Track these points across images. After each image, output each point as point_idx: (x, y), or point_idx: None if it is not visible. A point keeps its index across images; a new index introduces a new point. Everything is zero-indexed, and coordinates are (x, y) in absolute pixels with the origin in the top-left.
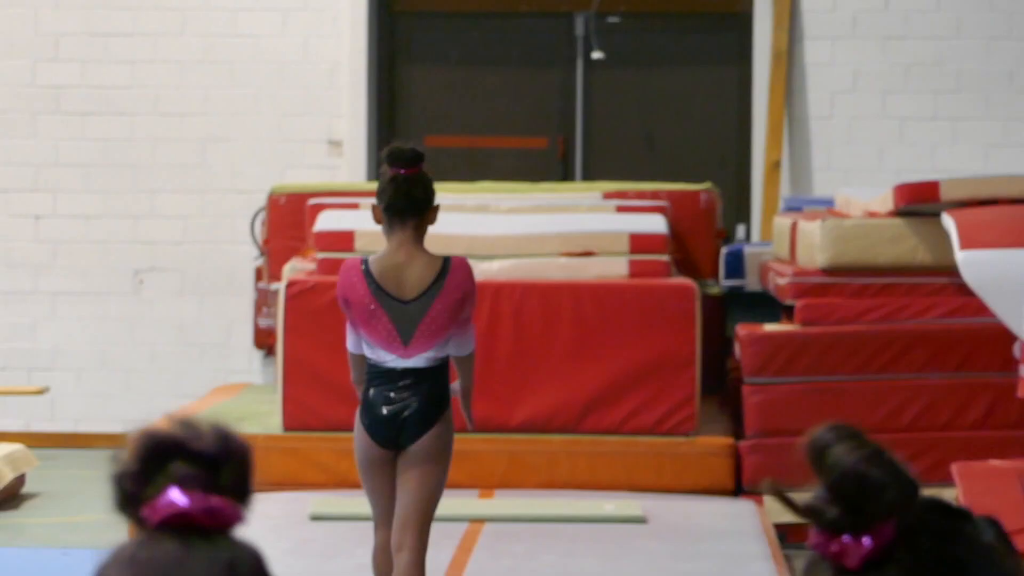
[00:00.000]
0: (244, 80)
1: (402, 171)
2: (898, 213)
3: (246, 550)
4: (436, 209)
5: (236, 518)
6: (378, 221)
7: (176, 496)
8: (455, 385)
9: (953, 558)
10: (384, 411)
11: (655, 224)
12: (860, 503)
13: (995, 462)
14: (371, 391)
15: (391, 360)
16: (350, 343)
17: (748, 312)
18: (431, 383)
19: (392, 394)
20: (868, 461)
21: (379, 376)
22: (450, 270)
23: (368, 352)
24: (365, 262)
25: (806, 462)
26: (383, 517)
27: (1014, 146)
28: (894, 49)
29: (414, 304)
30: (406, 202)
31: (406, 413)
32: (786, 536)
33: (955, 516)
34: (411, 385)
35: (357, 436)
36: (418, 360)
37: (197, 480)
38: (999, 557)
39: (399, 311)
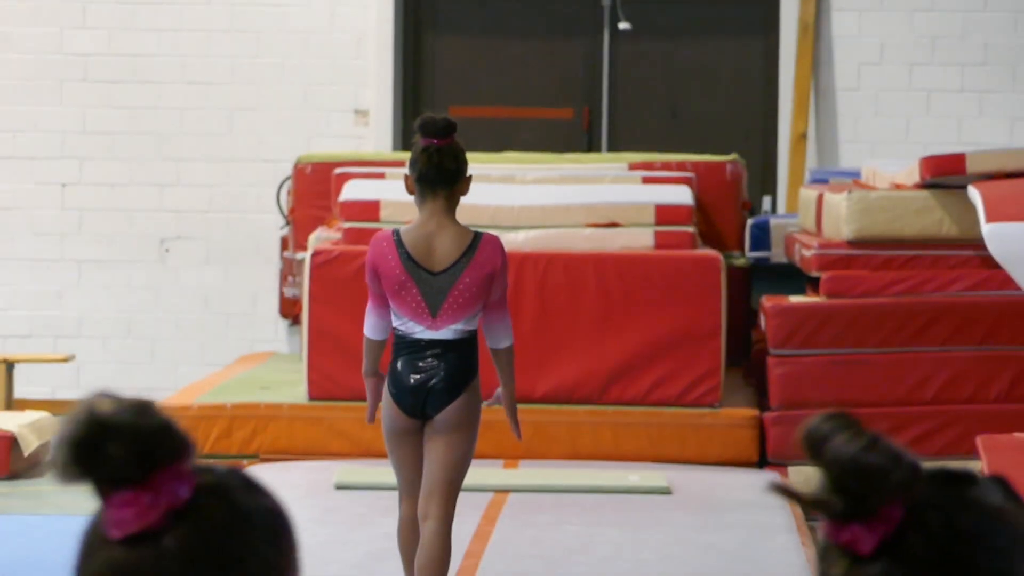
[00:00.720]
0: (270, 49)
1: (434, 141)
2: (924, 185)
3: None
4: (468, 180)
5: (183, 483)
6: (410, 191)
7: (119, 516)
8: (499, 392)
9: (963, 527)
10: (411, 380)
11: (680, 195)
12: (865, 492)
13: (1020, 435)
14: (399, 361)
15: (419, 331)
16: (368, 327)
17: (773, 284)
18: (458, 354)
19: (420, 363)
20: (867, 450)
21: (407, 347)
22: (480, 245)
23: (396, 323)
24: (396, 232)
25: (805, 454)
26: (409, 488)
27: None
28: (921, 21)
29: (443, 276)
30: (437, 173)
31: (432, 382)
32: None
33: (959, 483)
34: (438, 355)
35: (384, 406)
36: (446, 332)
37: (129, 481)
38: (1010, 517)
39: (428, 283)
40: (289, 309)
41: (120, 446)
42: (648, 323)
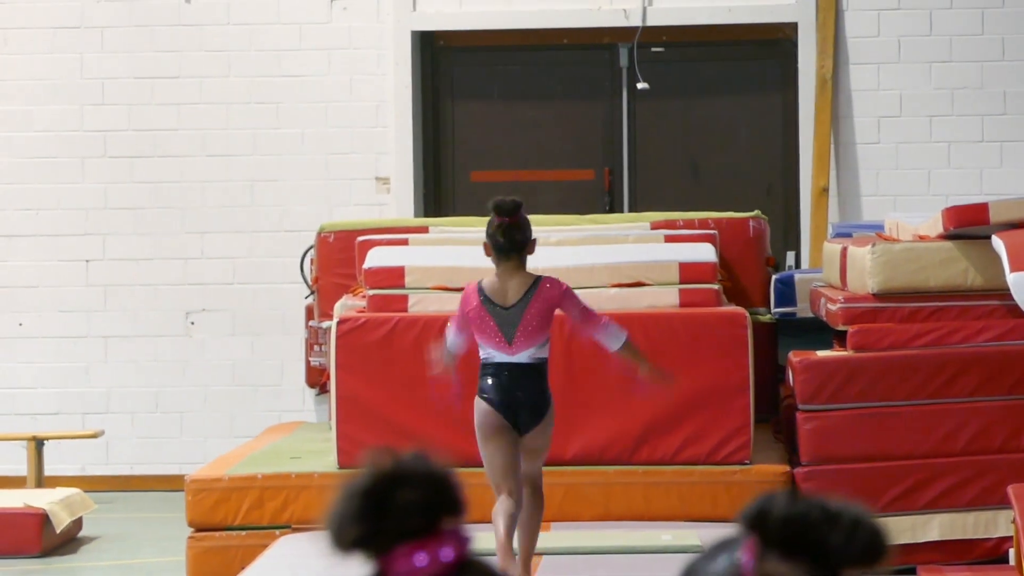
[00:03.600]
0: (290, 120)
1: (506, 220)
2: (948, 236)
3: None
4: (534, 242)
5: (462, 540)
6: (488, 255)
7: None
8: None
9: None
10: (500, 398)
11: (704, 253)
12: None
13: None
14: (488, 379)
15: (499, 356)
16: (448, 341)
17: (800, 339)
18: (534, 379)
19: (504, 384)
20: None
21: (491, 368)
22: (541, 283)
23: (482, 353)
24: (480, 282)
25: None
26: (503, 475)
27: None
28: (939, 73)
29: (513, 309)
30: (510, 244)
31: (520, 407)
32: None
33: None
34: (517, 377)
35: (477, 411)
36: (521, 356)
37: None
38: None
39: (501, 315)
40: (316, 378)
41: (411, 491)
42: (676, 381)
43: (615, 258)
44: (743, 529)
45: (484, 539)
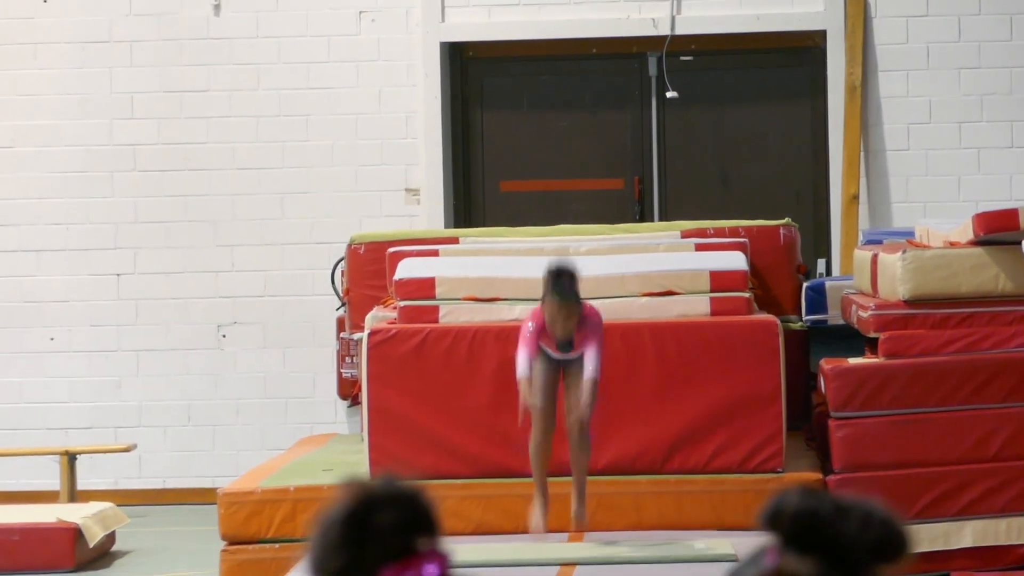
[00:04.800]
0: (320, 132)
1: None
2: (978, 242)
3: None
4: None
5: (442, 559)
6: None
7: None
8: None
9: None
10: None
11: (735, 261)
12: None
13: None
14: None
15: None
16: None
17: (831, 346)
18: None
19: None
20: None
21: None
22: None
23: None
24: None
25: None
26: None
27: None
28: (968, 79)
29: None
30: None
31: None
32: None
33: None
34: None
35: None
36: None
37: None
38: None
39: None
40: (347, 390)
41: (387, 514)
42: (707, 390)
43: (646, 267)
44: (762, 528)
45: (467, 551)
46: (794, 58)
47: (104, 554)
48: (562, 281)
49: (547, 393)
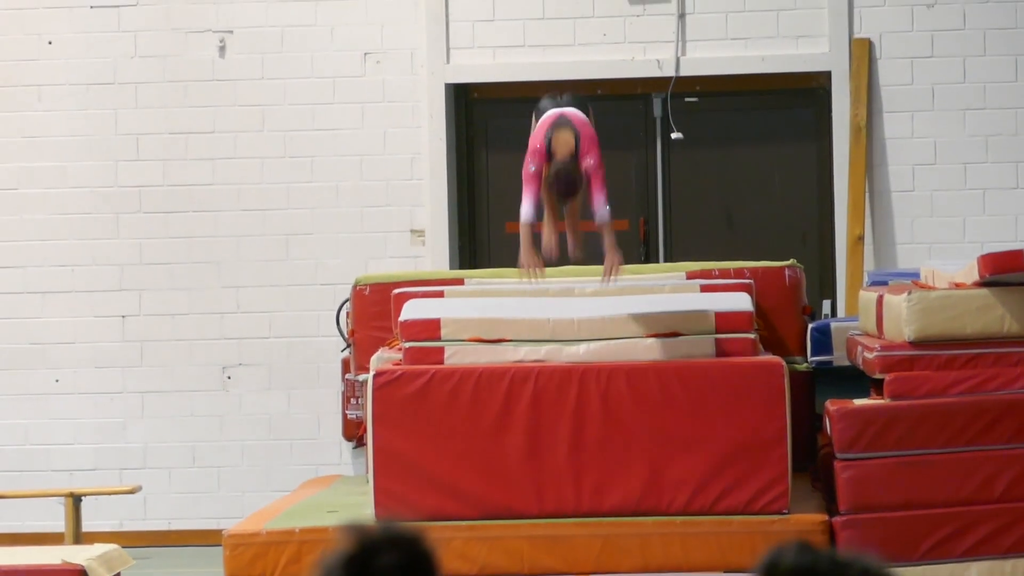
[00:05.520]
0: (325, 173)
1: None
2: (984, 283)
3: None
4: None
5: None
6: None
7: None
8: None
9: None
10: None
11: (740, 302)
12: None
13: None
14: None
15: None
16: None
17: (837, 387)
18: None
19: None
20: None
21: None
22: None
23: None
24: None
25: None
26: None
27: None
28: (973, 120)
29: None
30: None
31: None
32: None
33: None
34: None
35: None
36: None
37: None
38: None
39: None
40: (353, 431)
41: (389, 557)
42: (713, 431)
43: (651, 308)
44: None
45: None
46: (799, 99)
47: None
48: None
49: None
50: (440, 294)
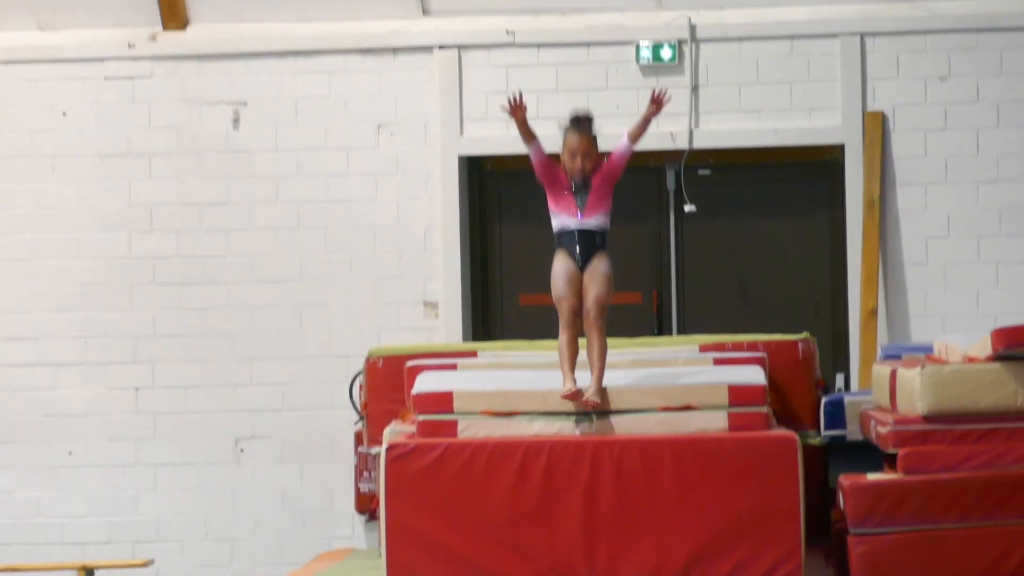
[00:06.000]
0: (339, 245)
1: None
2: (997, 358)
3: None
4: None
5: None
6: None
7: None
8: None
9: None
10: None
11: (753, 376)
12: None
13: None
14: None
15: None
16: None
17: (850, 461)
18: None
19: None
20: None
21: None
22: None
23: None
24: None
25: None
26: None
27: None
28: (987, 193)
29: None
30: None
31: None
32: None
33: None
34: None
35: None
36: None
37: None
38: None
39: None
40: (365, 504)
41: None
42: (726, 506)
43: (664, 381)
44: None
45: None
46: (812, 172)
47: None
48: (580, 120)
49: (571, 287)
50: (453, 367)
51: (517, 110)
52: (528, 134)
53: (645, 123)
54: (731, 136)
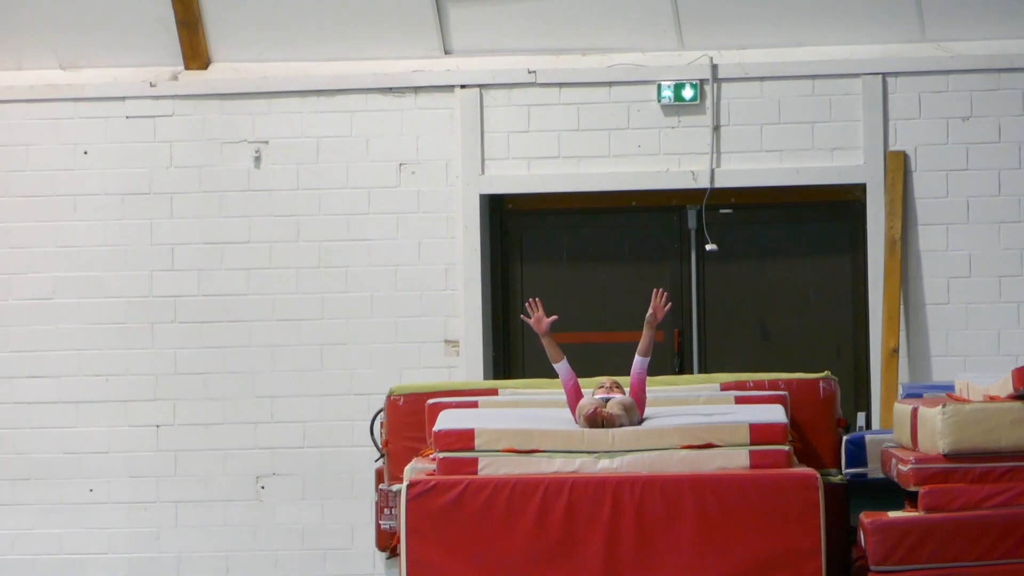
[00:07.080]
0: (360, 283)
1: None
2: (1018, 396)
3: None
4: None
5: None
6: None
7: None
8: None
9: None
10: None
11: (775, 414)
12: None
13: None
14: None
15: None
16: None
17: (871, 500)
18: None
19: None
20: None
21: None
22: None
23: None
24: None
25: None
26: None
27: None
28: (1008, 233)
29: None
30: None
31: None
32: None
33: None
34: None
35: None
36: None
37: None
38: None
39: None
40: (386, 542)
41: None
42: (747, 544)
43: (685, 420)
44: None
45: None
46: (834, 211)
47: None
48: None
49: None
50: (474, 404)
51: (539, 322)
52: (556, 353)
53: (651, 334)
54: (753, 175)
